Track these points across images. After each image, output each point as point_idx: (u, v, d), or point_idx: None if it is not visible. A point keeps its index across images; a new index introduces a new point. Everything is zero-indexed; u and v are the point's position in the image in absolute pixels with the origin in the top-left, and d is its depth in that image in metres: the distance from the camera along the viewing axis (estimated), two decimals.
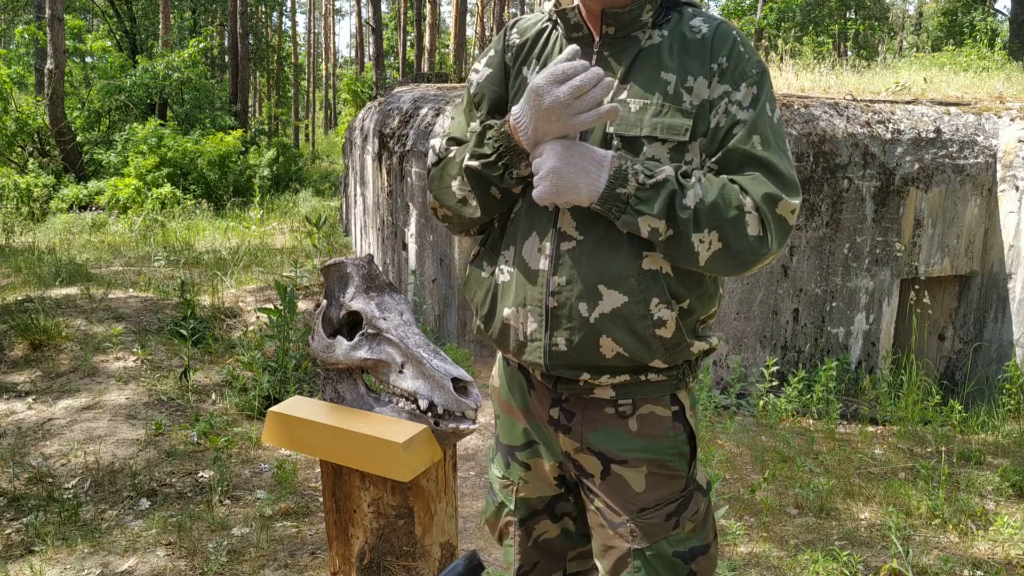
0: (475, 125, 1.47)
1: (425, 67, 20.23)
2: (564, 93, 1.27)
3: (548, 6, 1.52)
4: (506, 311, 1.47)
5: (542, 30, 1.52)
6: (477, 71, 1.58)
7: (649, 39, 1.40)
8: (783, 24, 20.55)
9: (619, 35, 1.40)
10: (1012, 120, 5.25)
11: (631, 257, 1.36)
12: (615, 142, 1.36)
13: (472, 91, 1.57)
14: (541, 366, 1.44)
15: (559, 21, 1.46)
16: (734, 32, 1.40)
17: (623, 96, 1.37)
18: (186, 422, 3.92)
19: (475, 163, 1.42)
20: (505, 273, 1.48)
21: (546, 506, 1.62)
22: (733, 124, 1.34)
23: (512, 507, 1.63)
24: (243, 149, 15.00)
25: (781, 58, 9.73)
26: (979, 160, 5.20)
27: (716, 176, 1.34)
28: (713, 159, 1.36)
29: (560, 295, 1.39)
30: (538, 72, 1.45)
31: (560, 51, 1.46)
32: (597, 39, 1.42)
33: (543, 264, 1.41)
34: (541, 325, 1.42)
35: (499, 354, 1.67)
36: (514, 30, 1.56)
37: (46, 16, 13.15)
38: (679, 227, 1.30)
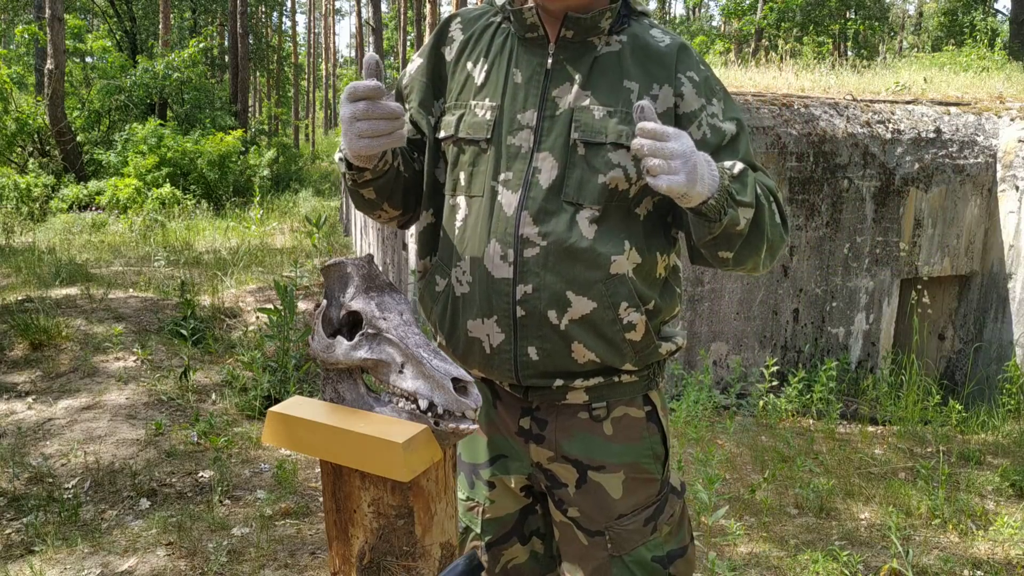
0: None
1: None
2: (347, 113, 1.22)
3: (500, 0, 1.47)
4: (470, 323, 1.41)
5: (489, 24, 1.46)
6: (412, 62, 1.53)
7: (606, 45, 1.38)
8: (783, 24, 20.55)
9: (576, 39, 1.37)
10: (1012, 120, 5.25)
11: (598, 262, 1.33)
12: (580, 148, 1.34)
13: (403, 83, 1.52)
14: (511, 377, 1.40)
15: (512, 19, 1.40)
16: (695, 51, 1.42)
17: (585, 102, 1.34)
18: (186, 422, 3.92)
19: (346, 180, 1.41)
20: (464, 284, 1.41)
21: (515, 524, 1.55)
22: (723, 137, 1.35)
23: (478, 530, 1.55)
24: (243, 149, 15.00)
25: (781, 58, 9.73)
26: (979, 160, 5.20)
27: None
28: None
29: (528, 303, 1.35)
30: (485, 69, 1.42)
31: (511, 50, 1.41)
32: (552, 42, 1.38)
33: (507, 272, 1.35)
34: (509, 335, 1.37)
35: None
36: (456, 22, 1.50)
37: (46, 16, 13.15)
38: (759, 218, 1.28)
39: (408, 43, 26.02)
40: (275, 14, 33.43)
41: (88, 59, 18.84)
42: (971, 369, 5.33)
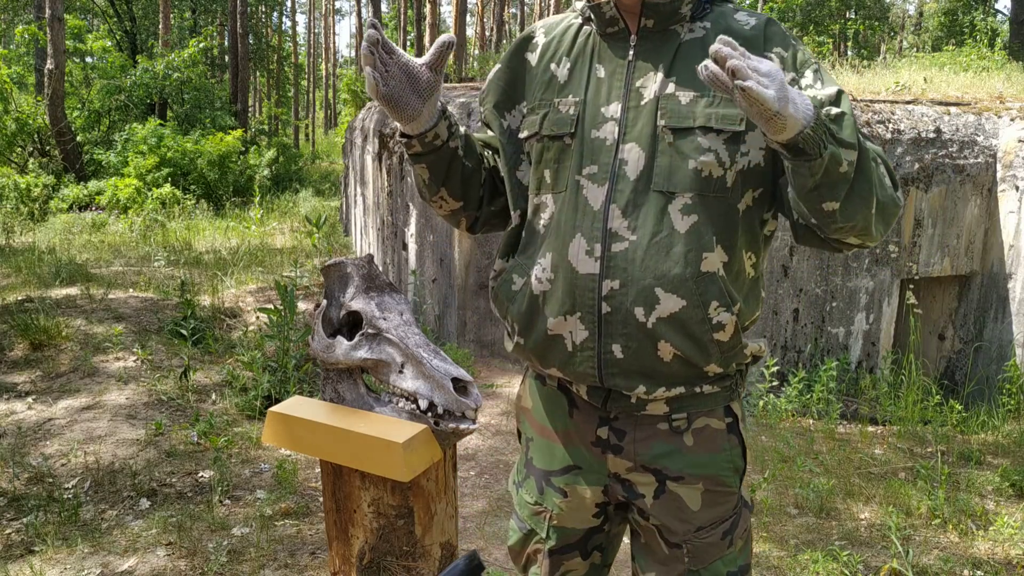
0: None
1: None
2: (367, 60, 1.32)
3: (579, 4, 1.47)
4: (551, 321, 1.37)
5: (569, 26, 1.47)
6: (493, 68, 1.56)
7: (689, 32, 1.35)
8: (783, 24, 20.53)
9: (657, 28, 1.35)
10: (1012, 120, 5.25)
11: (689, 258, 1.29)
12: (667, 136, 1.31)
13: (482, 88, 1.55)
14: (593, 376, 1.36)
15: (592, 16, 1.40)
16: (783, 27, 1.38)
17: (670, 89, 1.32)
18: (186, 422, 3.92)
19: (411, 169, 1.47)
20: (544, 282, 1.38)
21: (580, 540, 1.53)
22: (821, 106, 1.25)
23: (544, 535, 1.53)
24: (243, 149, 15.00)
25: None
26: (979, 160, 5.20)
27: None
28: None
29: (614, 299, 1.31)
30: (568, 67, 1.42)
31: (593, 47, 1.41)
32: (633, 34, 1.37)
33: (593, 267, 1.32)
34: (593, 333, 1.34)
35: (529, 375, 1.58)
36: (541, 29, 1.52)
37: (46, 16, 13.15)
38: (863, 164, 1.19)
39: (408, 43, 26.00)
40: (275, 14, 33.42)
41: (88, 59, 18.84)
42: (971, 369, 5.33)
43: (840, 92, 1.27)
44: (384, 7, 38.29)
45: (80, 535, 2.91)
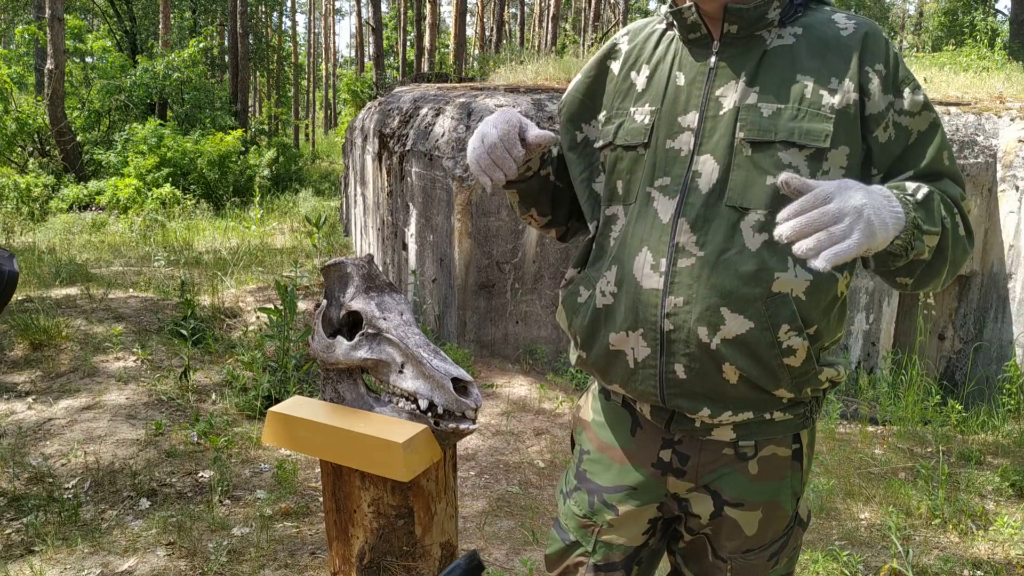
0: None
1: (425, 67, 20.22)
2: (480, 140, 1.30)
3: (663, 8, 1.41)
4: (612, 336, 1.32)
5: (652, 32, 1.42)
6: (573, 79, 1.53)
7: (778, 38, 1.28)
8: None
9: (742, 34, 1.28)
10: (1012, 120, 5.25)
11: (759, 277, 1.22)
12: (745, 149, 1.24)
13: (562, 98, 1.52)
14: (655, 396, 1.31)
15: (674, 21, 1.33)
16: (885, 35, 1.28)
17: (751, 100, 1.25)
18: (186, 422, 3.92)
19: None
20: (607, 296, 1.33)
21: (626, 560, 1.47)
22: (909, 137, 1.24)
23: (590, 548, 1.47)
24: (243, 149, 15.01)
25: None
26: (979, 160, 5.20)
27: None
28: (903, 177, 1.24)
29: (677, 317, 1.25)
30: (647, 75, 1.37)
31: (675, 53, 1.35)
32: (716, 40, 1.30)
33: (657, 283, 1.26)
34: (655, 350, 1.28)
35: (593, 387, 1.53)
36: (625, 36, 1.46)
37: (46, 16, 13.15)
38: (942, 244, 1.16)
39: (408, 43, 26.00)
40: (275, 14, 33.43)
41: (88, 59, 18.84)
42: (971, 369, 5.32)
43: (931, 125, 1.23)
44: (384, 7, 38.28)
45: (80, 535, 2.91)
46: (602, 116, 1.43)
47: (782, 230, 1.03)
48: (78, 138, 14.73)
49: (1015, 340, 5.05)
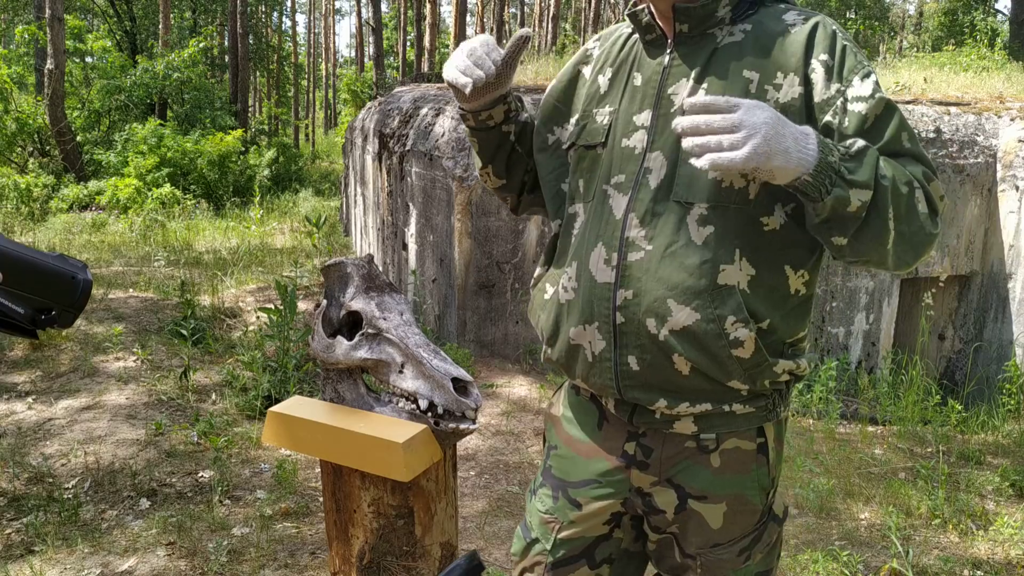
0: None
1: (425, 67, 20.22)
2: (465, 47, 1.37)
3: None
4: (572, 330, 1.36)
5: (620, 36, 1.47)
6: (551, 83, 1.58)
7: (729, 36, 1.31)
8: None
9: (694, 33, 1.31)
10: (1012, 120, 5.25)
11: (704, 269, 1.25)
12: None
13: (541, 101, 1.57)
14: (612, 388, 1.34)
15: (632, 23, 1.39)
16: (834, 27, 1.29)
17: (699, 96, 1.26)
18: (186, 422, 3.92)
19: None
20: (568, 291, 1.37)
21: (585, 550, 1.48)
22: (862, 122, 1.22)
23: (548, 547, 1.48)
24: (243, 149, 15.01)
25: None
26: (979, 160, 5.20)
27: None
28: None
29: (627, 310, 1.28)
30: (609, 77, 1.42)
31: (635, 55, 1.40)
32: (670, 39, 1.34)
33: (609, 276, 1.30)
34: (610, 343, 1.31)
35: (566, 384, 1.55)
36: (597, 41, 1.52)
37: (46, 16, 13.15)
38: (878, 201, 1.14)
39: (408, 43, 25.99)
40: (275, 14, 33.44)
41: (88, 59, 18.85)
42: (971, 369, 5.33)
43: (884, 108, 1.22)
44: (384, 7, 38.29)
45: (80, 535, 2.91)
46: (573, 120, 1.48)
47: (680, 120, 1.09)
48: (78, 138, 14.74)
49: (1015, 340, 5.05)
